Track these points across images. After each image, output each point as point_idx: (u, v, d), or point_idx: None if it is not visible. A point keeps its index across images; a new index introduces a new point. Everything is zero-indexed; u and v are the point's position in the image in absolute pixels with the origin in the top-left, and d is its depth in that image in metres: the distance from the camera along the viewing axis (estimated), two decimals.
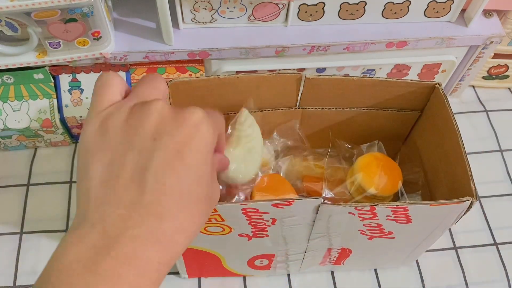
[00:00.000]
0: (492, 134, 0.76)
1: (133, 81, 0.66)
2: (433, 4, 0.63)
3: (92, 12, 0.55)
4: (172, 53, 0.63)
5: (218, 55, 0.63)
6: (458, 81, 0.75)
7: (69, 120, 0.66)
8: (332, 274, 0.63)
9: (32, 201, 0.67)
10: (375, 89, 0.54)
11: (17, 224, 0.65)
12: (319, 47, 0.64)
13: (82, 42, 0.59)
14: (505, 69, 0.76)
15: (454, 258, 0.65)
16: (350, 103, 0.56)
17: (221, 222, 0.45)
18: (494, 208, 0.69)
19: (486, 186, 0.70)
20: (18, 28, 0.57)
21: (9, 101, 0.65)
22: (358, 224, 0.47)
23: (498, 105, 0.79)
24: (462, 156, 0.47)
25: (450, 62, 0.69)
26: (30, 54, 0.60)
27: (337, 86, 0.53)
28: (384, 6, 0.62)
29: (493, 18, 0.67)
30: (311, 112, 0.57)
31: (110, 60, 0.63)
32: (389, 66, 0.69)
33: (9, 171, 0.69)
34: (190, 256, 0.54)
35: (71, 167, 0.70)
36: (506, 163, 0.73)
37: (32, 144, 0.70)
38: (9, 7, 0.51)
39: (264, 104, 0.55)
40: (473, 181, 0.44)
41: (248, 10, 0.62)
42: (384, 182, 0.53)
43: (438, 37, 0.65)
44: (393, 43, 0.65)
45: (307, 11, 0.62)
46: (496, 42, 0.66)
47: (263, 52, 0.63)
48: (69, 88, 0.65)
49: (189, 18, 0.62)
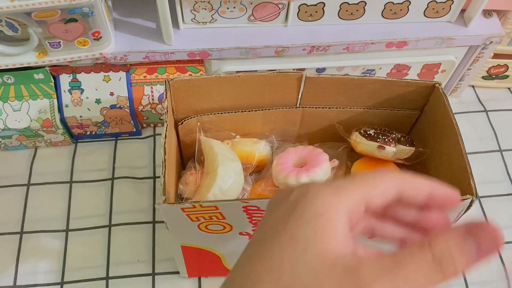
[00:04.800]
0: (492, 134, 0.76)
1: (133, 81, 0.66)
2: (433, 4, 0.63)
3: (92, 12, 0.55)
4: (172, 53, 0.63)
5: (218, 55, 0.63)
6: (458, 81, 0.75)
7: (69, 120, 0.66)
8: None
9: (32, 201, 0.67)
10: (375, 88, 0.54)
11: (17, 224, 0.65)
12: (319, 47, 0.64)
13: (82, 42, 0.59)
14: (504, 69, 0.77)
15: None
16: (350, 103, 0.56)
17: (222, 220, 0.45)
18: (494, 208, 0.69)
19: (486, 186, 0.70)
20: (18, 28, 0.57)
21: (9, 101, 0.65)
22: None
23: (498, 105, 0.79)
24: (462, 154, 0.47)
25: (450, 62, 0.69)
26: (30, 54, 0.60)
27: (337, 86, 0.53)
28: (384, 6, 0.63)
29: (493, 18, 0.67)
30: (312, 111, 0.57)
31: (110, 60, 0.63)
32: (389, 66, 0.69)
33: (9, 171, 0.69)
34: (190, 255, 0.54)
35: (71, 167, 0.70)
36: (506, 163, 0.73)
37: (32, 144, 0.70)
38: (9, 7, 0.51)
39: (264, 103, 0.55)
40: (473, 180, 0.44)
41: (248, 10, 0.62)
42: None
43: (438, 37, 0.65)
44: (393, 43, 0.65)
45: (307, 11, 0.62)
46: (495, 42, 0.67)
47: (263, 52, 0.64)
48: (69, 88, 0.65)
49: (189, 18, 0.62)
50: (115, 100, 0.66)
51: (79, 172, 0.69)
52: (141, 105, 0.67)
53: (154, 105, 0.67)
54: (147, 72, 0.66)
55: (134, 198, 0.67)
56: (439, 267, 0.23)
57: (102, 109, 0.66)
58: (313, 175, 0.51)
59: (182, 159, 0.61)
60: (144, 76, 0.66)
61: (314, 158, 0.53)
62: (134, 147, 0.72)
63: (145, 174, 0.69)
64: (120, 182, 0.68)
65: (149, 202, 0.67)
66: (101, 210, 0.66)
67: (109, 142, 0.72)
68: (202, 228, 0.47)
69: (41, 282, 0.61)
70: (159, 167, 0.65)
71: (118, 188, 0.68)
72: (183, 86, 0.51)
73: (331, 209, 0.25)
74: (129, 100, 0.66)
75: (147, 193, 0.68)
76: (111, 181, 0.68)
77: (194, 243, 0.51)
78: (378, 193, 0.26)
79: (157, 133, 0.74)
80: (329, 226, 0.24)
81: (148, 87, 0.66)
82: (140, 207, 0.67)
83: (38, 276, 0.61)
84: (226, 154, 0.53)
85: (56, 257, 0.63)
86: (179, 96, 0.52)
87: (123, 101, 0.66)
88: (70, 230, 0.65)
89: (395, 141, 0.54)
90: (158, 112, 0.69)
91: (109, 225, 0.65)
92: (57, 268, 0.62)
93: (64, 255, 0.63)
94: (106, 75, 0.66)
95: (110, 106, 0.66)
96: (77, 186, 0.68)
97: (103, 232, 0.65)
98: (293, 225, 0.25)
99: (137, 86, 0.66)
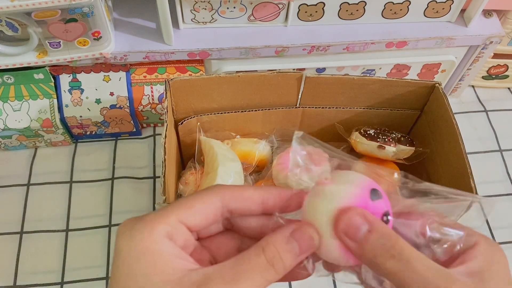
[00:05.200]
0: (492, 134, 0.76)
1: (133, 81, 0.66)
2: (432, 4, 0.63)
3: (92, 12, 0.55)
4: (172, 53, 0.63)
5: (218, 55, 0.63)
6: (458, 81, 0.75)
7: (69, 120, 0.66)
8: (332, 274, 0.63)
9: (32, 201, 0.67)
10: (375, 88, 0.54)
11: (17, 224, 0.65)
12: (319, 47, 0.64)
13: (82, 42, 0.59)
14: (504, 69, 0.77)
15: None
16: (350, 103, 0.56)
17: None
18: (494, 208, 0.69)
19: (486, 186, 0.70)
20: (18, 28, 0.57)
21: (9, 101, 0.65)
22: None
23: (497, 105, 0.79)
24: (462, 154, 0.47)
25: (450, 62, 0.69)
26: (30, 54, 0.60)
27: (337, 85, 0.53)
28: (384, 6, 0.63)
29: (493, 18, 0.67)
30: (312, 111, 0.57)
31: (110, 60, 0.63)
32: (389, 66, 0.69)
33: (9, 171, 0.69)
34: None
35: (71, 167, 0.70)
36: (506, 163, 0.73)
37: (32, 144, 0.70)
38: (9, 7, 0.51)
39: (264, 103, 0.55)
40: (473, 179, 0.44)
41: (248, 10, 0.62)
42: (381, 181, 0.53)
43: (438, 37, 0.65)
44: (393, 43, 0.65)
45: (307, 11, 0.62)
46: (495, 42, 0.67)
47: (263, 52, 0.64)
48: (69, 88, 0.65)
49: (189, 18, 0.62)
50: (115, 100, 0.66)
51: (79, 172, 0.69)
52: (141, 105, 0.67)
53: (154, 105, 0.67)
54: (147, 72, 0.66)
55: (134, 198, 0.67)
56: (272, 268, 0.27)
57: (102, 109, 0.66)
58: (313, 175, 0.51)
59: (182, 159, 0.61)
60: (144, 76, 0.66)
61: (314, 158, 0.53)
62: (134, 147, 0.72)
63: (145, 174, 0.69)
64: (120, 182, 0.68)
65: (149, 202, 0.67)
66: (101, 210, 0.66)
67: (109, 142, 0.72)
68: None
69: (41, 282, 0.61)
70: (159, 167, 0.65)
71: (118, 188, 0.68)
72: (183, 86, 0.51)
73: (150, 241, 0.27)
74: (129, 100, 0.66)
75: (147, 193, 0.68)
76: (111, 181, 0.68)
77: None
78: (194, 213, 0.29)
79: (157, 133, 0.74)
80: (156, 257, 0.27)
81: (148, 87, 0.66)
82: (140, 207, 0.67)
83: (38, 276, 0.61)
84: (226, 154, 0.53)
85: (56, 257, 0.63)
86: (179, 96, 0.52)
87: (123, 101, 0.66)
88: (70, 230, 0.65)
89: (395, 141, 0.54)
90: (158, 112, 0.69)
91: (109, 225, 0.65)
92: (57, 268, 0.62)
93: (64, 255, 0.63)
94: (106, 75, 0.66)
95: (110, 106, 0.66)
96: (77, 186, 0.68)
97: (103, 232, 0.65)
98: (125, 270, 0.27)
99: (137, 86, 0.66)
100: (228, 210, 0.30)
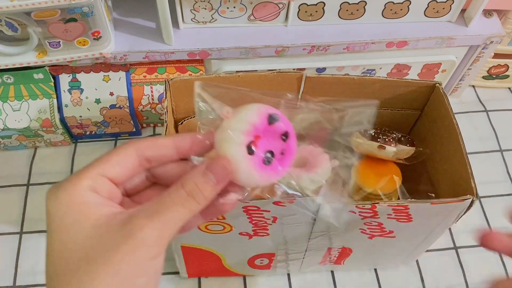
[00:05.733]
0: (492, 134, 0.76)
1: (132, 81, 0.66)
2: (433, 4, 0.63)
3: (92, 12, 0.55)
4: (172, 53, 0.63)
5: (218, 55, 0.63)
6: (458, 81, 0.75)
7: (69, 120, 0.66)
8: (332, 273, 0.63)
9: (32, 201, 0.67)
10: (375, 88, 0.54)
11: (17, 224, 0.65)
12: (319, 47, 0.64)
13: (82, 42, 0.59)
14: (505, 69, 0.76)
15: (454, 258, 0.65)
16: None
17: (221, 220, 0.45)
18: (494, 208, 0.69)
19: (486, 186, 0.70)
20: (18, 28, 0.57)
21: (9, 101, 0.65)
22: (358, 222, 0.47)
23: (498, 105, 0.79)
24: (462, 154, 0.47)
25: (450, 62, 0.69)
26: (30, 54, 0.60)
27: (337, 85, 0.53)
28: (384, 6, 0.62)
29: (493, 18, 0.67)
30: None
31: (110, 60, 0.63)
32: (389, 66, 0.69)
33: (9, 171, 0.69)
34: (190, 255, 0.54)
35: (71, 167, 0.70)
36: (506, 163, 0.73)
37: (32, 144, 0.70)
38: (9, 7, 0.51)
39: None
40: (473, 180, 0.44)
41: (248, 10, 0.62)
42: (381, 181, 0.53)
43: (438, 37, 0.65)
44: (393, 43, 0.65)
45: (307, 11, 0.62)
46: (496, 42, 0.67)
47: (263, 52, 0.64)
48: (69, 88, 0.65)
49: (189, 18, 0.62)
50: (115, 100, 0.66)
51: None
52: (141, 105, 0.67)
53: (154, 105, 0.67)
54: (147, 72, 0.66)
55: None
56: (193, 199, 0.29)
57: (101, 109, 0.66)
58: (313, 175, 0.51)
59: None
60: (144, 76, 0.66)
61: (314, 158, 0.53)
62: None
63: None
64: None
65: None
66: None
67: (109, 142, 0.72)
68: (202, 228, 0.47)
69: (41, 282, 0.61)
70: None
71: None
72: (183, 86, 0.51)
73: (75, 196, 0.29)
74: (128, 100, 0.66)
75: None
76: None
77: (194, 243, 0.51)
78: (112, 165, 0.30)
79: (157, 133, 0.74)
80: (82, 207, 0.29)
81: (148, 87, 0.66)
82: None
83: (38, 276, 0.61)
84: None
85: None
86: (179, 96, 0.52)
87: (122, 101, 0.66)
88: None
89: (396, 141, 0.54)
90: (158, 112, 0.68)
91: None
92: None
93: None
94: (105, 75, 0.66)
95: (109, 106, 0.66)
96: None
97: None
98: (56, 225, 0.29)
99: (136, 86, 0.66)
100: (145, 159, 0.31)
